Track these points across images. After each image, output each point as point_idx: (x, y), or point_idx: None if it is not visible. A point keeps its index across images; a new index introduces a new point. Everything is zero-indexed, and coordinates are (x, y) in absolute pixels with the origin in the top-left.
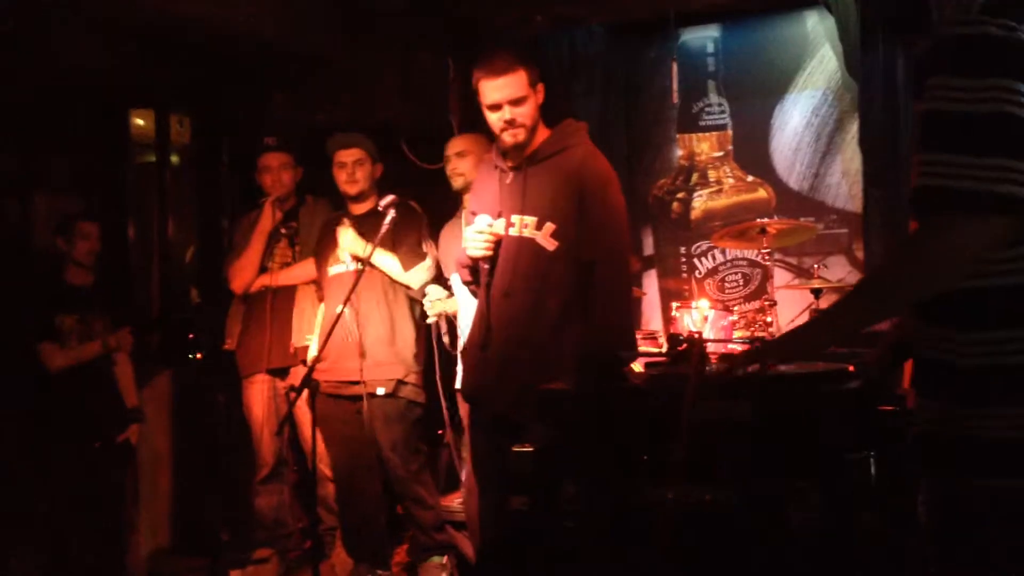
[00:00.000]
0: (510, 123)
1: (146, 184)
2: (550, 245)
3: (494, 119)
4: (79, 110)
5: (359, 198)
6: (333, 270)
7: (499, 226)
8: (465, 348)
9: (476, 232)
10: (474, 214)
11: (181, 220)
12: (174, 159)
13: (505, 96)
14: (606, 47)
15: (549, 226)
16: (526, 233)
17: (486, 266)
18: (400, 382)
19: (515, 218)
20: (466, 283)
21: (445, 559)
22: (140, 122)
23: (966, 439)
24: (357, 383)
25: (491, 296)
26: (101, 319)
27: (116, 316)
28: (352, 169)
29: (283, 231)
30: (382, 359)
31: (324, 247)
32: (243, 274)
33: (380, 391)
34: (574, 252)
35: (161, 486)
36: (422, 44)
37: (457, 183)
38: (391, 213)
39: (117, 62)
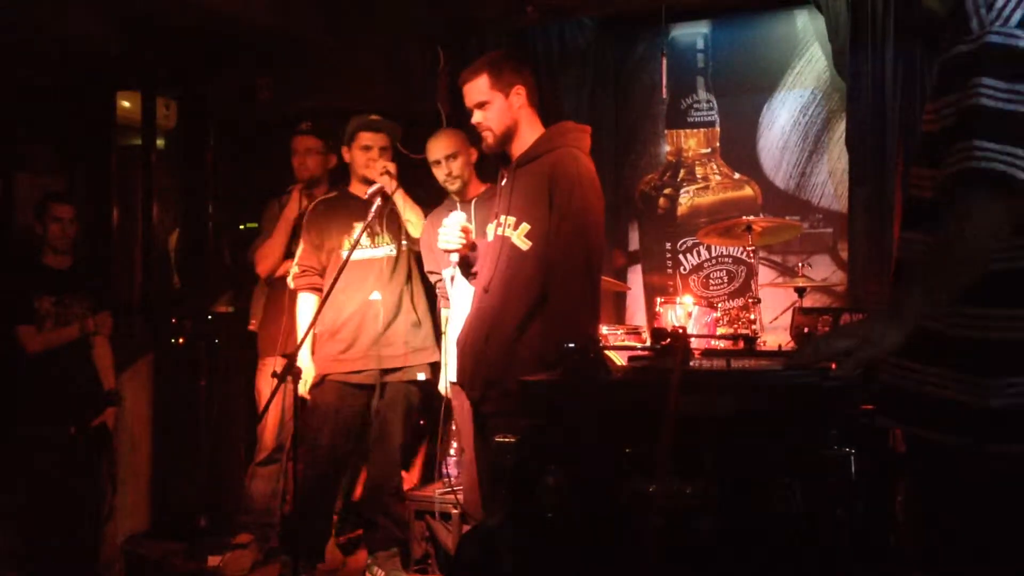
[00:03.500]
0: (477, 126)
1: (131, 167)
2: (524, 245)
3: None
4: (64, 91)
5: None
6: (355, 255)
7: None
8: (458, 339)
9: (446, 226)
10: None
11: (166, 204)
12: (160, 142)
13: (470, 100)
14: (596, 40)
15: (525, 227)
16: (507, 233)
17: (455, 260)
18: (434, 366)
19: (502, 218)
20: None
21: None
22: (126, 104)
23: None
24: (395, 370)
25: (477, 291)
26: (80, 302)
27: (97, 299)
28: (379, 154)
29: None
30: (419, 345)
31: (332, 230)
32: (268, 259)
33: (420, 376)
34: (545, 252)
35: (140, 470)
36: (412, 32)
37: (454, 186)
38: (377, 201)
39: (104, 43)
